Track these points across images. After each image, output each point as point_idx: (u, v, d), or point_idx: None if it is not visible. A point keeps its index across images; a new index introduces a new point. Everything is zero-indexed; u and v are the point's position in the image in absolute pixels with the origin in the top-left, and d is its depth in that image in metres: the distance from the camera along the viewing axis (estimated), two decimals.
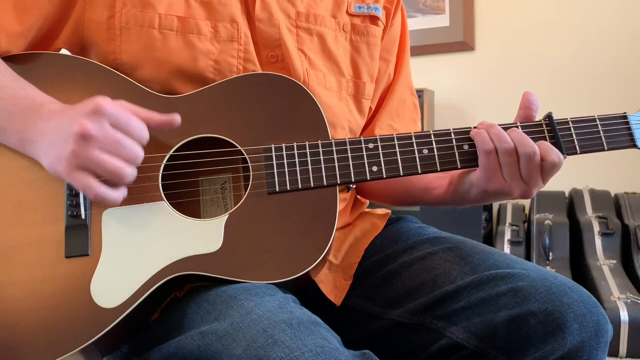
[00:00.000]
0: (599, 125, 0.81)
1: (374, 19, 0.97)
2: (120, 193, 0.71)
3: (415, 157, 0.80)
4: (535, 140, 0.77)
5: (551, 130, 0.80)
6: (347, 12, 0.95)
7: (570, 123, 0.81)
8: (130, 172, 0.69)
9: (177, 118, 0.74)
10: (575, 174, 2.47)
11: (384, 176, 0.79)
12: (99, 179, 0.69)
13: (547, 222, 2.26)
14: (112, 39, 0.83)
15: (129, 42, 0.82)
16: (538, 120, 0.82)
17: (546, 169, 0.77)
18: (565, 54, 2.58)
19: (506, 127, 0.79)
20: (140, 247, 0.74)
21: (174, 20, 0.83)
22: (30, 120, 0.72)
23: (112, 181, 0.69)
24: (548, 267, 2.12)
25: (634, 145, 0.82)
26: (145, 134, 0.71)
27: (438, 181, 0.93)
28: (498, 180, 0.78)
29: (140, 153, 0.70)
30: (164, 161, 0.77)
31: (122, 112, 0.69)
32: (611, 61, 2.52)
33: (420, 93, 2.48)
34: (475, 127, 0.80)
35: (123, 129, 0.69)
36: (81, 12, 0.83)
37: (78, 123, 0.67)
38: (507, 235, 2.33)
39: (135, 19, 0.82)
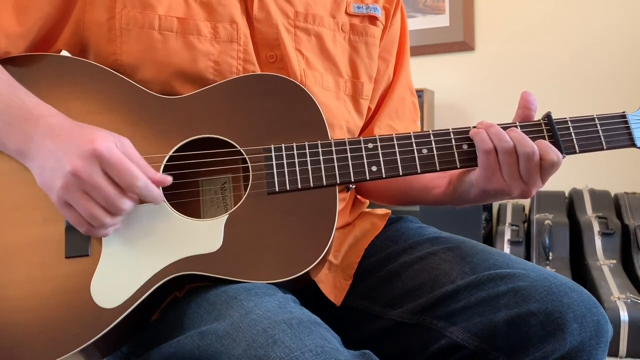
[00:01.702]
0: (598, 125, 0.82)
1: (372, 19, 0.97)
2: (109, 230, 0.72)
3: (414, 157, 0.80)
4: (534, 139, 0.77)
5: (550, 129, 0.80)
6: (346, 12, 0.95)
7: (569, 122, 0.81)
8: (109, 222, 0.70)
9: (169, 179, 0.74)
10: (575, 174, 2.47)
11: (384, 176, 0.80)
12: None
13: (547, 222, 2.26)
14: (112, 40, 0.83)
15: (129, 44, 0.82)
16: (537, 119, 0.82)
17: (545, 169, 0.77)
18: (565, 54, 2.58)
19: (505, 127, 0.79)
20: (140, 248, 0.74)
21: (174, 21, 0.83)
22: (26, 133, 0.72)
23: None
24: (548, 267, 2.12)
25: (633, 145, 0.82)
26: (138, 180, 0.70)
27: (437, 181, 0.93)
28: (497, 180, 0.78)
29: (123, 206, 0.70)
30: (164, 161, 0.77)
31: (118, 160, 0.69)
32: (611, 61, 2.52)
33: (420, 93, 2.48)
34: (474, 127, 0.80)
35: (114, 177, 0.69)
36: (81, 13, 0.83)
37: (70, 161, 0.68)
38: (507, 235, 2.33)
39: (135, 20, 0.82)
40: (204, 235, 0.75)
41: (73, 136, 0.70)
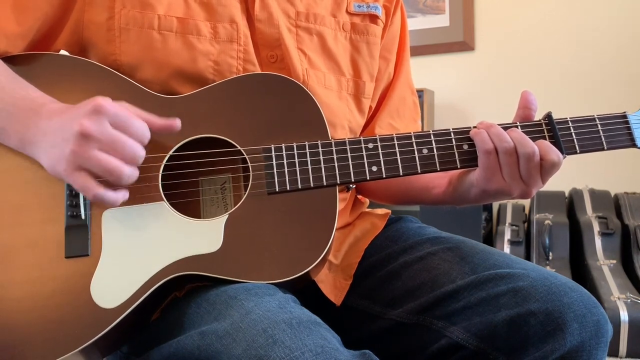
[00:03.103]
0: (599, 125, 0.81)
1: (373, 18, 0.97)
2: (120, 195, 0.71)
3: (415, 157, 0.80)
4: (534, 139, 0.77)
5: (551, 129, 0.80)
6: (346, 11, 0.95)
7: (569, 123, 0.81)
8: (129, 172, 0.69)
9: (177, 123, 0.74)
10: (575, 174, 2.47)
11: (384, 176, 0.80)
12: (99, 180, 0.69)
13: (547, 222, 2.26)
14: (111, 40, 0.83)
15: (129, 43, 0.82)
16: (537, 119, 0.82)
17: (545, 169, 0.77)
18: (565, 53, 2.58)
19: (506, 127, 0.79)
20: (140, 248, 0.74)
21: (174, 21, 0.83)
22: (31, 121, 0.72)
23: (112, 182, 0.69)
24: (548, 267, 2.12)
25: (634, 145, 0.82)
26: (146, 134, 0.71)
27: (437, 180, 0.93)
28: (498, 180, 0.78)
29: (141, 152, 0.70)
30: (164, 161, 0.77)
31: (123, 112, 0.69)
32: (611, 61, 2.52)
33: (420, 93, 2.48)
34: (474, 127, 0.80)
35: (123, 128, 0.69)
36: (80, 13, 0.83)
37: (78, 123, 0.67)
38: (507, 235, 2.33)
39: (135, 20, 0.82)
40: (204, 235, 0.75)
41: (74, 108, 0.70)
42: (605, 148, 0.81)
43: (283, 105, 0.81)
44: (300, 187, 0.78)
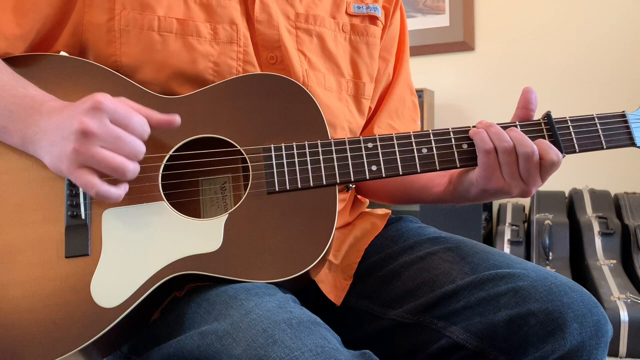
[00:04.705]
0: (598, 124, 0.82)
1: (373, 19, 0.97)
2: (122, 190, 0.71)
3: (414, 157, 0.80)
4: (533, 139, 0.77)
5: (550, 129, 0.80)
6: (346, 12, 0.95)
7: (569, 122, 0.81)
8: (132, 168, 0.69)
9: (177, 118, 0.74)
10: (575, 174, 2.47)
11: (383, 175, 0.80)
12: (101, 177, 0.69)
13: (547, 222, 2.26)
14: (111, 41, 0.83)
15: (129, 45, 0.82)
16: (537, 119, 0.82)
17: (545, 168, 0.77)
18: (565, 53, 2.58)
19: (505, 127, 0.79)
20: (140, 247, 0.74)
21: (173, 22, 0.83)
22: (32, 119, 0.72)
23: (114, 179, 0.69)
24: (548, 267, 2.12)
25: (633, 144, 0.82)
26: (146, 129, 0.71)
27: (437, 179, 0.93)
28: (497, 180, 0.78)
29: (141, 148, 0.70)
30: (164, 161, 0.77)
31: (122, 108, 0.69)
32: (611, 60, 2.52)
33: (420, 93, 2.48)
34: (474, 127, 0.80)
35: (123, 125, 0.69)
36: (80, 14, 0.83)
37: (78, 120, 0.67)
38: (507, 235, 2.33)
39: (135, 21, 0.82)
40: (203, 235, 0.75)
41: (74, 105, 0.70)
42: (605, 147, 0.81)
43: (283, 105, 0.81)
44: (299, 186, 0.78)
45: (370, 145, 0.80)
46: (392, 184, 1.00)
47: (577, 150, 0.81)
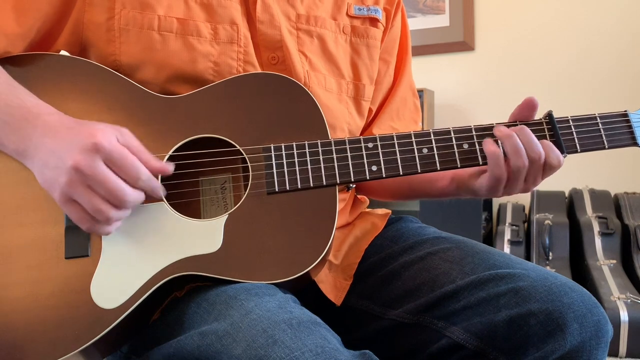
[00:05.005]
0: (600, 124, 0.82)
1: (373, 21, 0.97)
2: (112, 228, 0.71)
3: (414, 157, 0.80)
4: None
5: (551, 128, 0.80)
6: (347, 14, 0.95)
7: (570, 121, 0.81)
8: (112, 214, 0.69)
9: (170, 168, 0.74)
10: (575, 173, 2.47)
11: (384, 175, 0.80)
12: None
13: (547, 222, 2.26)
14: (111, 40, 0.83)
15: (128, 44, 0.82)
16: (538, 118, 0.82)
17: (547, 168, 0.78)
18: (566, 53, 2.58)
19: (508, 126, 0.80)
20: (140, 248, 0.74)
21: (174, 22, 0.83)
22: (25, 132, 0.71)
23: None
24: (548, 267, 2.12)
25: (635, 144, 0.82)
26: (141, 176, 0.70)
27: (442, 173, 0.94)
28: (500, 192, 0.81)
29: (129, 197, 0.69)
30: (164, 161, 0.77)
31: (118, 151, 0.68)
32: (612, 59, 2.52)
33: (420, 93, 2.46)
34: (492, 132, 0.81)
35: (117, 168, 0.68)
36: (80, 13, 0.83)
37: (72, 158, 0.67)
38: (507, 235, 2.33)
39: (135, 20, 0.82)
40: (204, 235, 0.75)
41: (72, 133, 0.70)
42: (606, 147, 0.81)
43: (283, 105, 0.81)
44: (299, 187, 0.78)
45: (370, 145, 0.80)
46: (394, 182, 1.00)
47: (579, 150, 0.81)
